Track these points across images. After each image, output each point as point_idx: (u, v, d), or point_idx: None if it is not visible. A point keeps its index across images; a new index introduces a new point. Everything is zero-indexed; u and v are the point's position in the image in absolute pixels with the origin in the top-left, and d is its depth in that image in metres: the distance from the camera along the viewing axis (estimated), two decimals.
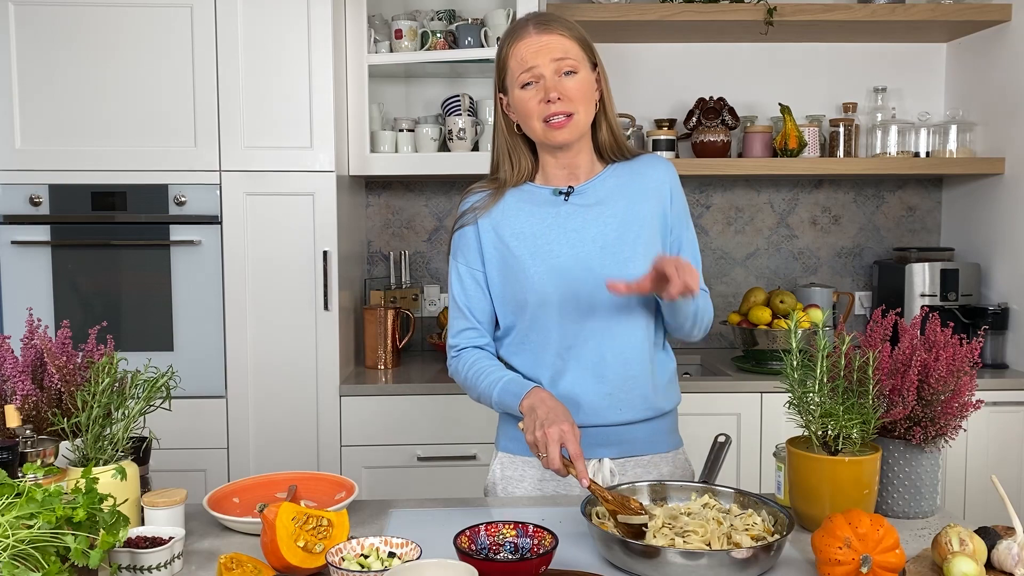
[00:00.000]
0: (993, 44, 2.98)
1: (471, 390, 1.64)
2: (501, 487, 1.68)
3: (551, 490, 1.65)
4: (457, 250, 1.67)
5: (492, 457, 1.73)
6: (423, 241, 3.23)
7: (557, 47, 1.54)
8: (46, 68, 2.55)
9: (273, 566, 1.23)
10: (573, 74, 1.54)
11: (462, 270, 1.66)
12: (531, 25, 1.56)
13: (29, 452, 1.34)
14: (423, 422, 2.65)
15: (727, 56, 3.21)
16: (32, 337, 1.48)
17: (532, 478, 1.66)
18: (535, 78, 1.54)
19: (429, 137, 2.89)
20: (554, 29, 1.55)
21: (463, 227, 1.66)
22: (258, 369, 2.63)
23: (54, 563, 1.04)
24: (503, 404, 1.57)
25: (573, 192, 1.63)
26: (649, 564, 1.21)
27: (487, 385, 1.59)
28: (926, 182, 3.29)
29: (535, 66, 1.54)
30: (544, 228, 1.60)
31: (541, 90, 1.54)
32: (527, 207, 1.63)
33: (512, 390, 1.54)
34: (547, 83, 1.53)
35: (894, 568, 1.16)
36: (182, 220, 2.60)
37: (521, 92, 1.56)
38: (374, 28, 2.86)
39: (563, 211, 1.61)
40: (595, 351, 1.59)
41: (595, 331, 1.59)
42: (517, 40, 1.56)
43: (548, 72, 1.54)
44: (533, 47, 1.54)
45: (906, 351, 1.48)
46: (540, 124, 1.56)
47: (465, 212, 1.66)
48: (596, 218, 1.60)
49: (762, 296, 2.94)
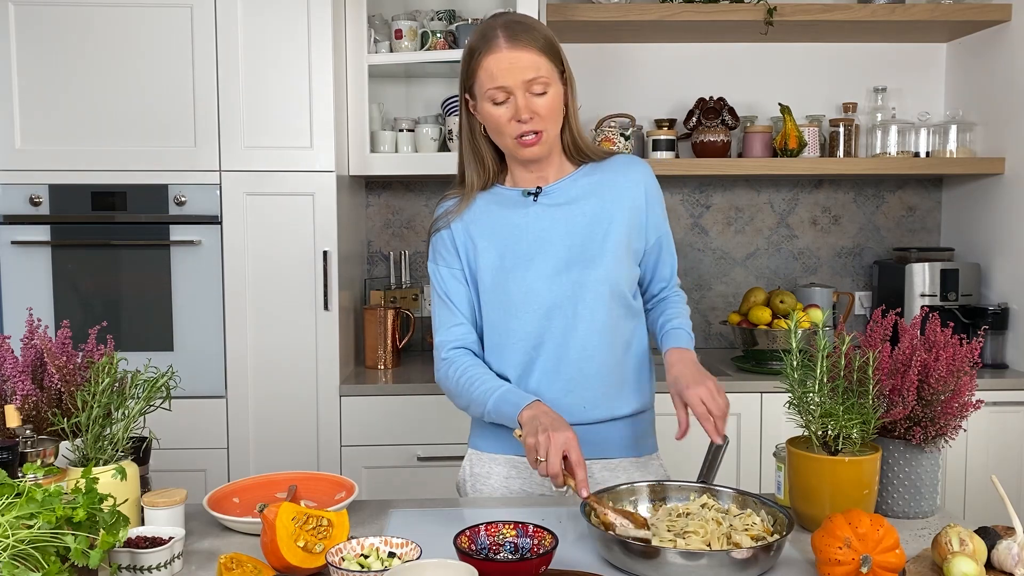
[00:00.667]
0: (993, 44, 2.98)
1: (459, 397, 1.61)
2: (470, 484, 1.69)
3: (517, 487, 1.66)
4: (436, 254, 1.67)
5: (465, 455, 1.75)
6: (423, 241, 3.23)
7: (528, 65, 1.52)
8: (46, 68, 2.55)
9: (273, 566, 1.23)
10: (543, 93, 1.53)
11: (443, 272, 1.66)
12: (501, 36, 1.52)
13: (29, 452, 1.34)
14: (423, 422, 2.64)
15: (727, 56, 3.21)
16: (32, 337, 1.48)
17: (499, 475, 1.67)
18: (506, 95, 1.53)
19: (429, 137, 2.89)
20: (524, 44, 1.51)
21: (439, 231, 1.67)
22: (258, 369, 2.63)
23: (54, 563, 1.04)
24: (499, 412, 1.54)
25: (541, 192, 1.63)
26: (649, 564, 1.21)
27: (482, 392, 1.56)
28: (926, 182, 3.29)
29: (506, 85, 1.52)
30: (512, 229, 1.61)
31: (512, 108, 1.53)
32: (496, 209, 1.63)
33: (511, 400, 1.52)
34: (518, 102, 1.52)
35: (894, 568, 1.16)
36: (182, 220, 2.60)
37: (492, 108, 1.55)
38: (374, 28, 2.86)
39: (532, 212, 1.62)
40: (559, 349, 1.59)
41: (560, 330, 1.59)
42: (487, 52, 1.53)
43: (519, 92, 1.52)
44: (504, 63, 1.51)
45: (906, 351, 1.48)
46: (511, 141, 1.56)
47: (439, 217, 1.67)
48: (564, 217, 1.61)
49: (762, 296, 2.94)
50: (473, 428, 1.73)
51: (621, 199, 1.63)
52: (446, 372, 1.63)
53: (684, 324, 1.68)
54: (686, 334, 1.66)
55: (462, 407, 1.63)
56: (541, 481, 1.65)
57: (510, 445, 1.64)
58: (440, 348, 1.65)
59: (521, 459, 1.65)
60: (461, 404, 1.63)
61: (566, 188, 1.63)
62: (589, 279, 1.58)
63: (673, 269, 1.73)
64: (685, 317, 1.71)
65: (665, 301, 1.73)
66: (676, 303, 1.72)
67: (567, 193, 1.63)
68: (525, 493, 1.65)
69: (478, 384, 1.57)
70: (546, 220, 1.61)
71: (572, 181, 1.64)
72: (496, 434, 1.65)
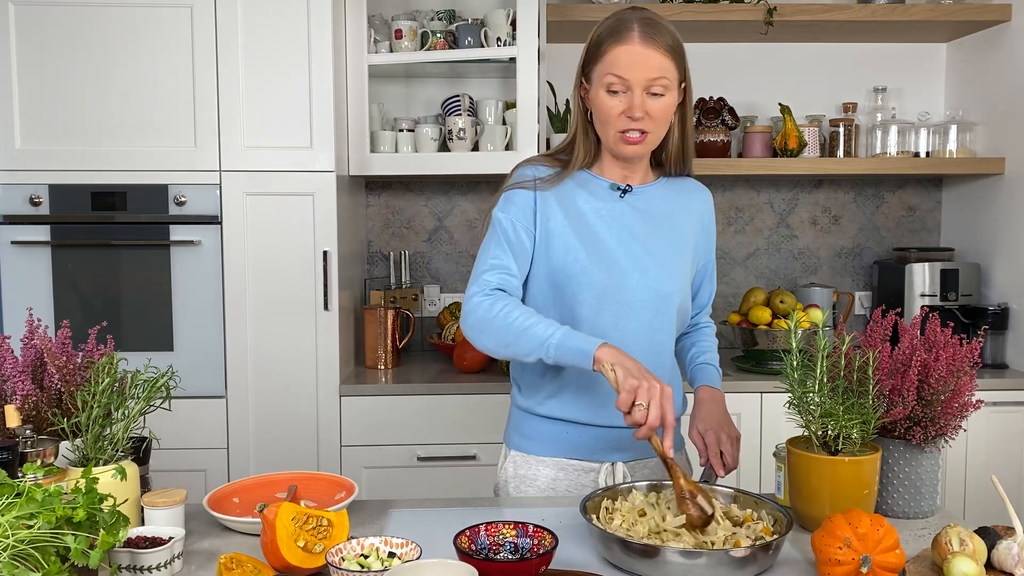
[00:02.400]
0: (993, 44, 2.98)
1: (501, 332, 1.48)
2: (513, 486, 1.67)
3: (563, 490, 1.64)
4: (509, 205, 1.59)
5: (502, 455, 1.72)
6: (423, 241, 3.23)
7: (656, 65, 1.50)
8: (46, 68, 2.55)
9: (273, 566, 1.23)
10: (661, 96, 1.52)
11: (517, 225, 1.58)
12: (636, 30, 1.51)
13: (29, 452, 1.34)
14: (423, 422, 2.64)
15: (727, 56, 3.21)
16: (32, 337, 1.48)
17: (545, 477, 1.65)
18: (624, 88, 1.52)
19: (429, 137, 2.89)
20: (658, 44, 1.50)
21: (523, 188, 1.60)
22: (258, 369, 2.63)
23: (54, 563, 1.04)
24: (565, 347, 1.42)
25: (631, 192, 1.63)
26: (649, 563, 1.21)
27: (543, 329, 1.44)
28: (926, 182, 3.29)
29: (628, 78, 1.50)
30: (597, 218, 1.60)
31: (626, 102, 1.52)
32: (584, 193, 1.62)
33: (583, 337, 1.42)
34: (635, 99, 1.51)
35: (894, 568, 1.16)
36: (182, 220, 2.60)
37: (606, 96, 1.53)
38: (374, 28, 2.86)
39: (617, 207, 1.62)
40: (628, 350, 1.54)
41: (630, 331, 1.59)
42: (618, 42, 1.51)
43: (639, 88, 1.51)
44: (633, 58, 1.50)
45: (906, 351, 1.48)
46: (615, 134, 1.55)
47: (524, 177, 1.61)
48: (646, 223, 1.62)
49: (762, 296, 2.94)
50: (514, 428, 1.70)
51: (690, 220, 1.68)
52: (490, 305, 1.50)
53: (715, 360, 1.76)
54: (716, 371, 1.74)
55: (498, 342, 1.49)
56: (587, 483, 1.64)
57: (558, 447, 1.64)
58: (482, 283, 1.54)
59: (569, 461, 1.64)
60: (499, 339, 1.49)
61: (649, 195, 1.65)
62: (665, 287, 1.60)
63: (711, 296, 1.79)
64: (715, 351, 1.79)
65: (698, 332, 1.80)
66: (708, 335, 1.81)
67: (649, 200, 1.64)
68: (571, 496, 1.63)
69: (535, 322, 1.46)
70: (629, 219, 1.61)
71: (655, 190, 1.66)
72: (544, 435, 1.64)
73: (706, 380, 1.71)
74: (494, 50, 2.80)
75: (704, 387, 1.70)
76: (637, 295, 1.59)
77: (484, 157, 2.82)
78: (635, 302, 1.59)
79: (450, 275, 3.25)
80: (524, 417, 1.67)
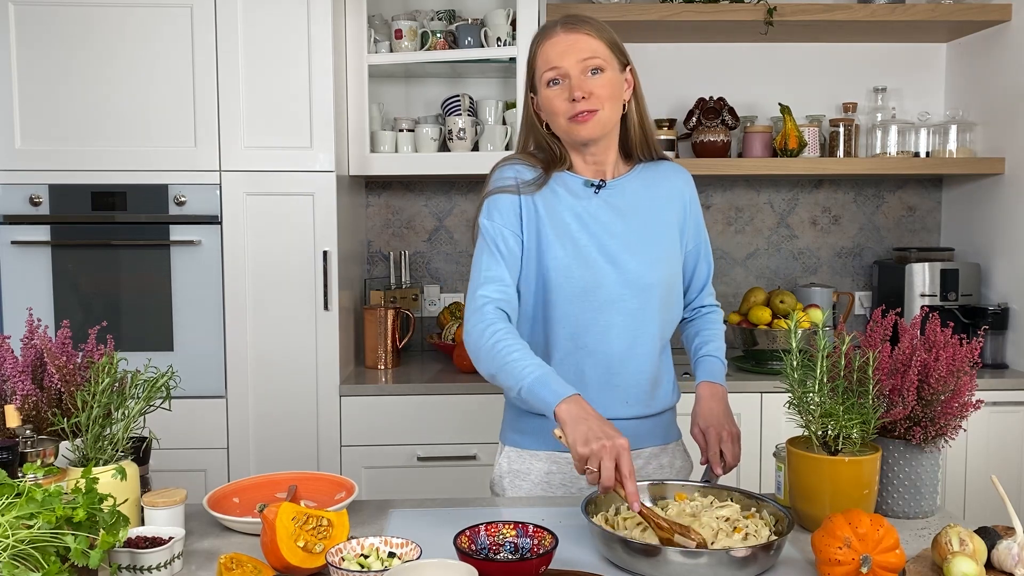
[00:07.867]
0: (993, 44, 2.98)
1: (488, 362, 1.50)
2: (508, 480, 1.68)
3: (558, 483, 1.66)
4: (494, 211, 1.60)
5: (497, 451, 1.73)
6: (423, 241, 3.23)
7: (584, 47, 1.55)
8: (46, 68, 2.55)
9: (273, 566, 1.23)
10: (600, 72, 1.55)
11: (505, 231, 1.59)
12: (559, 25, 1.58)
13: (29, 452, 1.34)
14: (423, 422, 2.64)
15: (727, 56, 3.21)
16: (32, 337, 1.48)
17: (539, 471, 1.66)
18: (561, 76, 1.55)
19: (429, 137, 2.89)
20: (581, 29, 1.57)
21: (505, 192, 1.61)
22: (258, 369, 2.63)
23: (54, 563, 1.04)
24: (534, 395, 1.43)
25: (604, 187, 1.64)
26: (649, 563, 1.21)
27: (520, 368, 1.45)
28: (926, 182, 3.29)
29: (560, 65, 1.55)
30: (573, 216, 1.61)
31: (567, 88, 1.55)
32: (562, 191, 1.63)
33: (551, 387, 1.42)
34: (572, 82, 1.55)
35: (894, 568, 1.16)
36: (182, 220, 2.60)
37: (547, 91, 1.58)
38: (374, 28, 2.86)
39: (592, 204, 1.62)
40: (608, 345, 1.61)
41: (613, 325, 1.60)
42: (544, 40, 1.59)
43: (574, 72, 1.55)
44: (560, 46, 1.56)
45: (906, 351, 1.48)
46: (565, 121, 1.57)
47: (505, 181, 1.62)
48: (622, 217, 1.63)
49: (762, 296, 2.94)
50: (509, 424, 1.72)
51: (670, 205, 1.68)
52: (482, 330, 1.52)
53: (719, 351, 1.74)
54: (720, 364, 1.72)
55: (486, 371, 1.52)
56: (582, 478, 1.62)
57: (551, 441, 1.61)
58: (478, 300, 1.56)
59: (562, 455, 1.64)
60: (487, 369, 1.51)
61: (623, 187, 1.65)
62: (646, 279, 1.60)
63: (709, 275, 1.78)
64: (720, 340, 1.77)
65: (703, 319, 1.79)
66: (713, 322, 1.79)
67: (624, 193, 1.65)
68: (565, 490, 1.65)
69: (516, 357, 1.47)
70: (605, 215, 1.62)
71: (628, 181, 1.66)
72: (536, 430, 1.64)
73: (707, 375, 1.70)
74: (494, 50, 2.81)
75: (705, 383, 1.69)
76: (617, 291, 1.60)
77: (484, 157, 2.82)
78: (616, 297, 1.60)
79: (450, 275, 3.25)
80: (517, 413, 1.68)
